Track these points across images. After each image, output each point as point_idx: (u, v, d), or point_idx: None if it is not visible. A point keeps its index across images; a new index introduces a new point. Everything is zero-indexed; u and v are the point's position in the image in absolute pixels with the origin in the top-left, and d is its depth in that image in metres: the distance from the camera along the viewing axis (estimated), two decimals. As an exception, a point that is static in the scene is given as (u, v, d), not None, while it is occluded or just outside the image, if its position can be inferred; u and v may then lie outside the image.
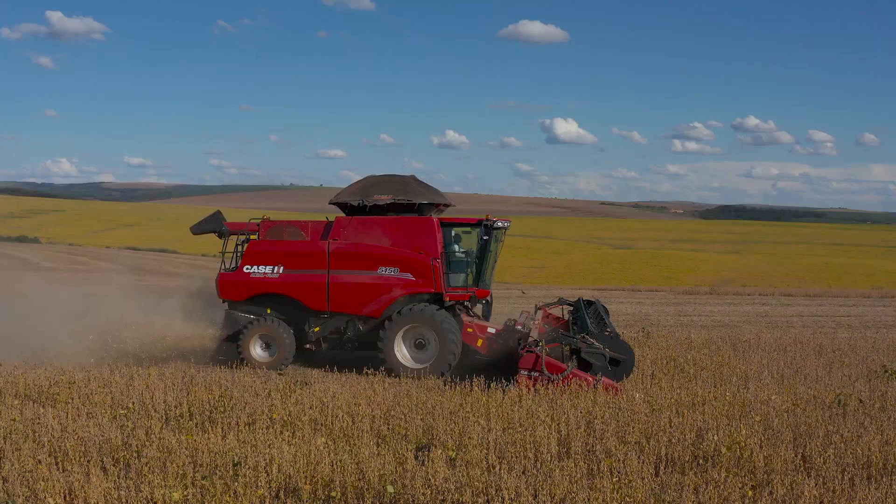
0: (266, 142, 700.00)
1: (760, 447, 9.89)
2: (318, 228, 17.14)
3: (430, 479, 8.56)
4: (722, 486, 8.48)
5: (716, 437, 10.04)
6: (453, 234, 17.11)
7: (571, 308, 17.87)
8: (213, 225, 18.04)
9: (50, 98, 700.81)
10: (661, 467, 9.49)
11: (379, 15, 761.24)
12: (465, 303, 17.43)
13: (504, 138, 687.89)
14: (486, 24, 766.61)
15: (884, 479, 8.98)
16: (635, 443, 10.06)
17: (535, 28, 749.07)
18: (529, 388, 13.11)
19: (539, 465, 9.36)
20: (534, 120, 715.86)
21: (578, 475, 8.70)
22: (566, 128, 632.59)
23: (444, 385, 14.17)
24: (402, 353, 16.33)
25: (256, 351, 16.80)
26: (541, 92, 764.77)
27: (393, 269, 16.51)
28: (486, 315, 18.26)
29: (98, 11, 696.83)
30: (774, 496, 8.54)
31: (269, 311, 16.96)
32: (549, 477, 8.65)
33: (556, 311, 18.58)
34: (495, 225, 16.88)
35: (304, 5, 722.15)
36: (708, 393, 12.89)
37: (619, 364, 14.44)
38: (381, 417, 11.34)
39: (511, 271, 54.97)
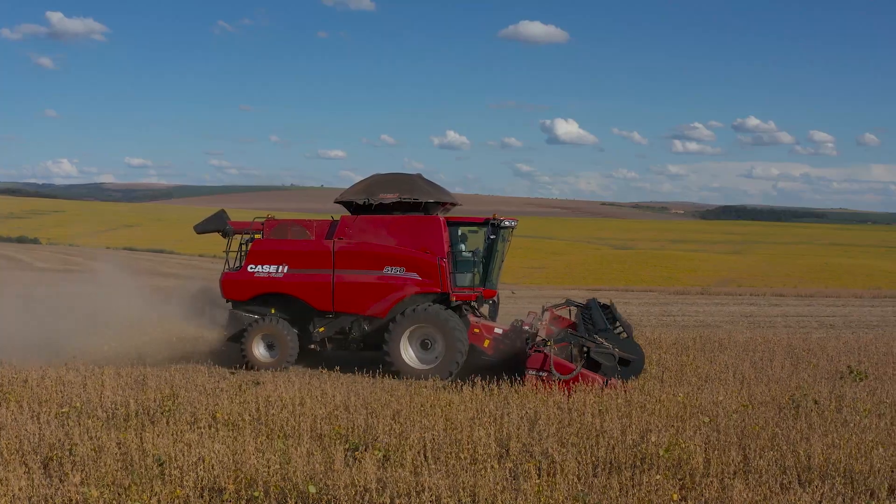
0: (266, 142, 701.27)
1: (704, 449, 9.72)
2: (322, 227, 16.99)
3: (354, 480, 8.46)
4: (646, 490, 8.34)
5: (655, 439, 9.89)
6: (460, 233, 16.95)
7: (581, 307, 17.71)
8: (217, 224, 17.97)
9: (50, 98, 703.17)
10: (598, 469, 9.33)
11: (379, 15, 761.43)
12: (472, 303, 17.25)
13: (504, 138, 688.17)
14: (486, 24, 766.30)
15: (819, 483, 8.78)
16: (573, 444, 9.92)
17: (535, 28, 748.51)
18: (539, 389, 12.97)
19: (470, 467, 9.24)
20: (534, 120, 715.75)
21: (503, 476, 8.59)
22: (566, 128, 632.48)
23: (396, 385, 14.06)
24: (407, 353, 16.15)
25: (259, 351, 16.59)
26: (541, 92, 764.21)
27: (399, 268, 16.35)
28: (493, 315, 18.11)
29: (98, 12, 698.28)
30: (705, 498, 8.40)
31: (273, 311, 16.79)
32: (475, 478, 8.52)
33: (564, 312, 18.49)
34: (502, 224, 16.72)
35: (304, 5, 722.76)
36: (661, 393, 12.73)
37: (628, 364, 14.24)
38: (324, 417, 11.22)
39: (511, 272, 54.77)
